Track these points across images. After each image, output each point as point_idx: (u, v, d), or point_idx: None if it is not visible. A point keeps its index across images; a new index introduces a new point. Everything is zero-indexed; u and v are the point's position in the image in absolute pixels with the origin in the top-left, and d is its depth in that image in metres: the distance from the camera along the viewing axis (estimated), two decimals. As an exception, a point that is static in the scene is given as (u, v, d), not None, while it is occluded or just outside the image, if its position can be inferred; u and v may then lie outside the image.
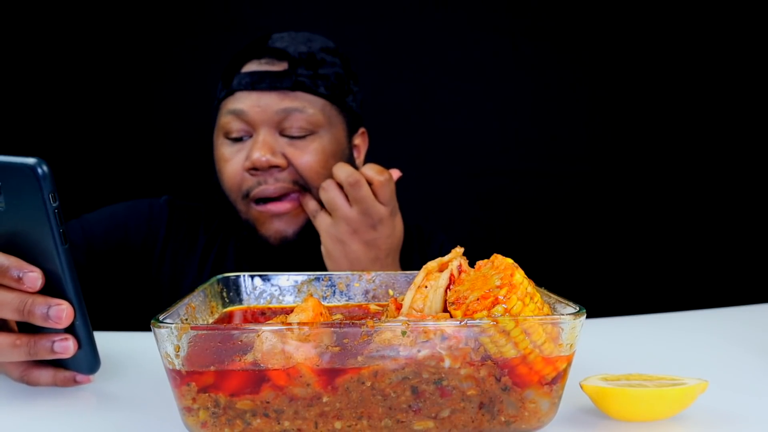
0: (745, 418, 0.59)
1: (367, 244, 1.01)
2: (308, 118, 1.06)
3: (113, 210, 1.18)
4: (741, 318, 0.97)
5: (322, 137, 1.08)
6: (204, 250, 1.18)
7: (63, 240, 0.60)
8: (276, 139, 1.06)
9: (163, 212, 1.19)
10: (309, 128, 1.07)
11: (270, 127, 1.05)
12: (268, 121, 1.05)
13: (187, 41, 1.61)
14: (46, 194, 0.58)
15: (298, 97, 1.06)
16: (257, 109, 1.05)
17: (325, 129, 1.08)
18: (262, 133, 1.05)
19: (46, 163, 0.59)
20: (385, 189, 1.00)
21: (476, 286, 0.55)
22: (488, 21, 1.65)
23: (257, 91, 1.05)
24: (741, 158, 1.70)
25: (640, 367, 0.68)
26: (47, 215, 0.59)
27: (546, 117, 1.68)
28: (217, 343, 0.50)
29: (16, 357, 0.64)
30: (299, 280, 0.72)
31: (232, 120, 1.06)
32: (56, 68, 1.59)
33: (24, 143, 1.59)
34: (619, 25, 1.66)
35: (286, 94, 1.06)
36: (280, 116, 1.05)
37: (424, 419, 0.52)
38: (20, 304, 0.61)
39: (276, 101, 1.05)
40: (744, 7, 1.66)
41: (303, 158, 1.06)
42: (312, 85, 1.07)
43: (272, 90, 1.05)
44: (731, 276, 1.69)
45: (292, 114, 1.05)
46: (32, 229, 0.60)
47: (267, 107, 1.05)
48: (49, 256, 0.61)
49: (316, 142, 1.07)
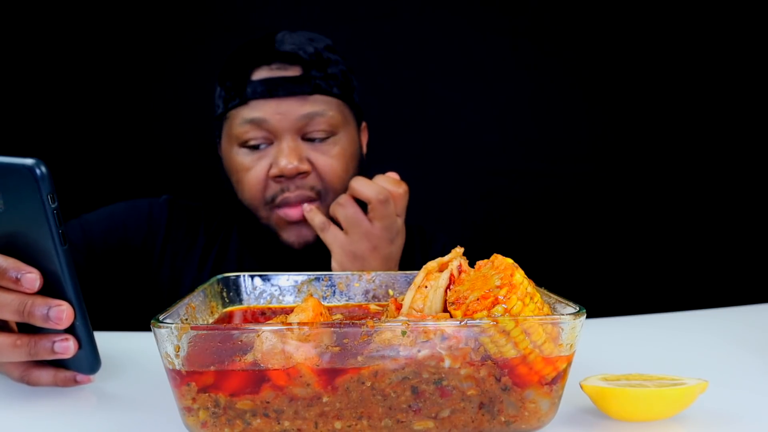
0: (745, 418, 0.59)
1: (385, 258, 1.00)
2: (329, 120, 1.06)
3: (113, 210, 1.17)
4: (741, 318, 0.97)
5: (342, 138, 1.08)
6: (204, 250, 1.18)
7: (62, 241, 0.60)
8: (299, 144, 1.05)
9: (163, 212, 1.18)
10: (330, 130, 1.06)
11: (292, 132, 1.05)
12: (290, 127, 1.04)
13: (186, 40, 1.61)
14: (44, 195, 0.58)
15: (317, 100, 1.06)
16: (278, 116, 1.04)
17: (343, 129, 1.08)
18: (285, 140, 1.04)
19: (45, 164, 0.58)
20: (403, 201, 1.00)
21: (476, 286, 0.55)
22: (488, 21, 1.65)
23: (275, 98, 1.04)
24: (741, 158, 1.70)
25: (640, 367, 0.68)
26: (46, 216, 0.59)
27: (546, 117, 1.68)
28: (217, 343, 0.50)
29: (17, 357, 0.64)
30: (299, 280, 0.72)
31: (251, 129, 1.05)
32: (56, 68, 1.59)
33: (24, 143, 1.59)
34: (620, 25, 1.66)
35: (305, 98, 1.05)
36: (302, 122, 1.04)
37: (424, 419, 0.52)
38: (20, 305, 0.61)
39: (296, 107, 1.04)
40: (744, 7, 1.66)
41: (326, 163, 1.06)
42: (326, 86, 1.07)
43: (291, 96, 1.04)
44: (731, 276, 1.69)
45: (314, 118, 1.05)
46: (31, 230, 0.60)
47: (288, 114, 1.04)
48: (49, 257, 0.61)
49: (338, 145, 1.07)
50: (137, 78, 1.62)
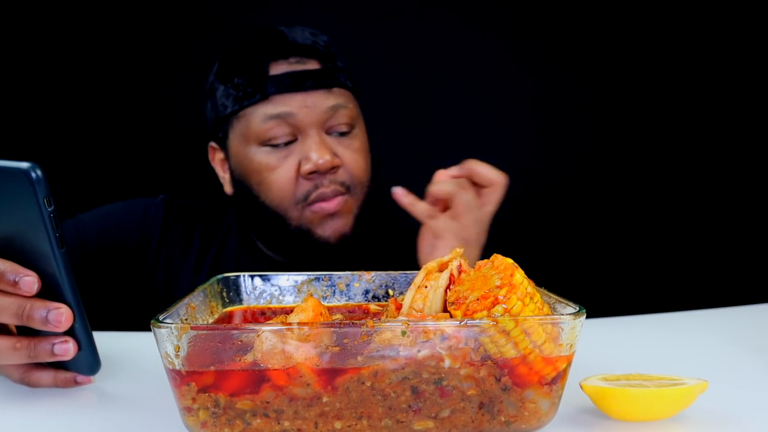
0: (745, 418, 0.59)
1: (481, 247, 0.99)
2: (349, 113, 1.06)
3: (108, 210, 1.16)
4: (741, 318, 0.97)
5: (359, 132, 1.08)
6: (200, 252, 1.16)
7: (59, 244, 0.60)
8: (325, 138, 1.04)
9: (159, 212, 1.17)
10: (351, 123, 1.06)
11: (317, 127, 1.03)
12: (316, 121, 1.03)
13: (183, 39, 1.61)
14: (40, 199, 0.58)
15: (338, 93, 1.05)
16: (306, 109, 1.02)
17: (359, 123, 1.08)
18: (311, 135, 1.03)
19: (40, 168, 0.58)
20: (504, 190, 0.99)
21: (476, 286, 0.55)
22: (488, 21, 1.65)
23: (301, 92, 1.02)
24: (741, 158, 1.70)
25: (640, 367, 0.68)
26: (42, 220, 0.59)
27: (546, 117, 1.68)
28: (217, 343, 0.50)
29: (17, 360, 0.64)
30: (299, 280, 0.72)
31: (276, 125, 1.02)
32: (53, 68, 1.59)
33: (22, 142, 1.59)
34: (620, 25, 1.66)
35: (329, 91, 1.04)
36: (328, 114, 1.03)
37: (424, 419, 0.52)
38: (19, 308, 0.61)
39: (322, 100, 1.03)
40: (744, 7, 1.66)
41: (352, 157, 1.06)
42: (344, 79, 1.06)
43: (316, 89, 1.03)
44: (731, 276, 1.69)
45: (338, 111, 1.04)
46: (28, 233, 0.60)
47: (314, 106, 1.03)
48: (46, 260, 0.61)
49: (357, 139, 1.07)
50: (135, 77, 1.62)
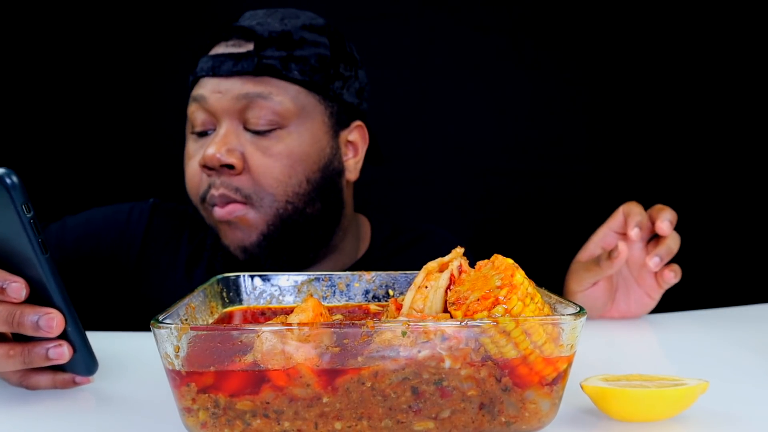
0: (745, 419, 0.59)
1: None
2: (274, 108, 0.93)
3: (90, 216, 1.12)
4: (741, 318, 0.97)
5: (291, 134, 0.95)
6: (190, 256, 1.09)
7: (43, 249, 0.59)
8: (239, 134, 0.94)
9: (143, 217, 1.11)
10: (277, 120, 0.94)
11: (233, 118, 0.94)
12: (230, 109, 0.94)
13: (177, 39, 1.60)
14: (18, 205, 0.57)
15: (265, 82, 0.94)
16: (218, 95, 0.94)
17: (296, 123, 0.95)
18: (224, 126, 0.94)
19: (16, 174, 0.57)
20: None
21: (476, 286, 0.55)
22: (488, 21, 1.65)
23: (218, 76, 0.94)
24: (741, 158, 1.70)
25: (641, 367, 0.68)
26: (23, 226, 0.58)
27: (546, 117, 1.68)
28: (217, 344, 0.50)
29: (12, 367, 0.63)
30: (299, 280, 0.72)
31: (196, 109, 0.96)
32: (49, 68, 1.59)
33: (20, 142, 1.59)
34: (620, 25, 1.66)
35: (250, 79, 0.94)
36: (242, 103, 0.93)
37: (424, 420, 0.52)
38: (9, 315, 0.60)
39: (237, 86, 0.93)
40: (744, 7, 1.66)
41: (261, 162, 0.93)
42: (282, 68, 0.94)
43: (234, 75, 0.94)
44: (731, 276, 1.69)
45: (255, 101, 0.93)
46: (10, 240, 0.59)
47: (227, 92, 0.93)
48: (31, 266, 0.60)
49: (283, 142, 0.94)
50: (132, 76, 1.62)
